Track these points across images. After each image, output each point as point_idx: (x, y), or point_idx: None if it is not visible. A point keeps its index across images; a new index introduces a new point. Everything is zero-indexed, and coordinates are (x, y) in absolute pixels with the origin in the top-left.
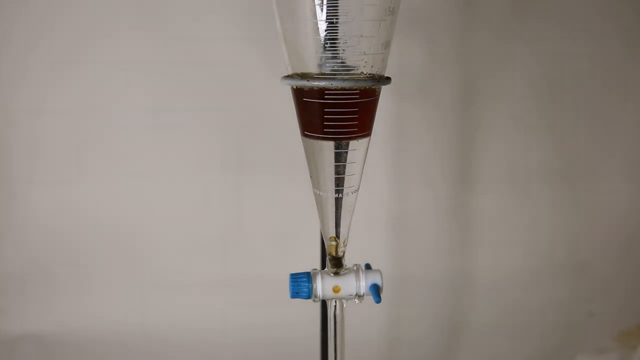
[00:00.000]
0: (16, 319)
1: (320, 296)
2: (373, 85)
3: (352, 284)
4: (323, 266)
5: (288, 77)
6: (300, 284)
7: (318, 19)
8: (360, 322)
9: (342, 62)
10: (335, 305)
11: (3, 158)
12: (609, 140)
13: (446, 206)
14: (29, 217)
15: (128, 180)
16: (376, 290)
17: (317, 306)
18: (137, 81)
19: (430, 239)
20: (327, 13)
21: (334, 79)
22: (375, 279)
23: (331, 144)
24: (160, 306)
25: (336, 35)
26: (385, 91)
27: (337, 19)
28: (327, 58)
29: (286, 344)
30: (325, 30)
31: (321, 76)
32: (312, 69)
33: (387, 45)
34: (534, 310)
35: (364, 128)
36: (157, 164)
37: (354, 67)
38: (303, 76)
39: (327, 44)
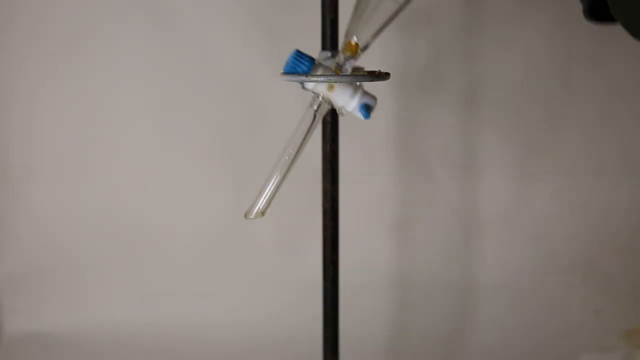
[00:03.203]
0: (22, 318)
1: (312, 88)
2: (372, 81)
3: (346, 94)
4: (325, 268)
5: (287, 73)
6: (302, 62)
7: None
8: (364, 317)
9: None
10: (320, 103)
11: (3, 158)
12: (613, 137)
13: (451, 203)
14: (34, 217)
15: (129, 180)
16: (366, 108)
17: (320, 306)
18: (139, 81)
19: (435, 236)
20: None
21: (332, 74)
22: (370, 101)
23: None
24: (162, 306)
25: None
26: (390, 88)
27: None
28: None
29: (288, 343)
30: None
31: (319, 73)
32: None
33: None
34: (539, 309)
35: None
36: (158, 164)
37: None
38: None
39: None
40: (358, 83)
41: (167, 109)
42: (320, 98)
